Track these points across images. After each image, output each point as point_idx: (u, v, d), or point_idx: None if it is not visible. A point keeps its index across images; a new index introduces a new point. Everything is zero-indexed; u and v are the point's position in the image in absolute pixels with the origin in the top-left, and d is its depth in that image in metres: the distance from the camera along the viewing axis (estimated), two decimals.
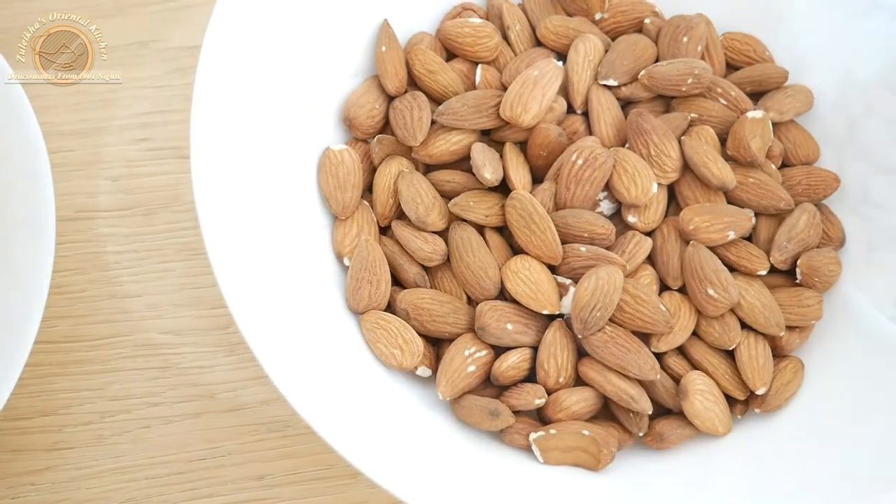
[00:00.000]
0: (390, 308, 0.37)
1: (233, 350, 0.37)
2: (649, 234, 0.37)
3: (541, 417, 0.36)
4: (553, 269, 0.36)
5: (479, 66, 0.39)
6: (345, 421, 0.31)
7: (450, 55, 0.40)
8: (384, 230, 0.38)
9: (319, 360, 0.33)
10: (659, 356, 0.36)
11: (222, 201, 0.33)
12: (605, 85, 0.39)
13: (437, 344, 0.37)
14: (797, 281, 0.38)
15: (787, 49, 0.41)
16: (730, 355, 0.37)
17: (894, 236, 0.38)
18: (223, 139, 0.33)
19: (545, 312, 0.35)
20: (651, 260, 0.37)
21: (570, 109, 0.39)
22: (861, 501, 0.32)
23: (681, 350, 0.37)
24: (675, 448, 0.36)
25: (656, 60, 0.40)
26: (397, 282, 0.37)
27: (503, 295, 0.36)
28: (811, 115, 0.41)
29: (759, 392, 0.36)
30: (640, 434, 0.36)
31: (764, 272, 0.37)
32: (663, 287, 0.37)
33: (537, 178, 0.38)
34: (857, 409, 0.35)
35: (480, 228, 0.37)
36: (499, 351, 0.36)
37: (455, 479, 0.33)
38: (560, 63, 0.38)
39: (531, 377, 0.36)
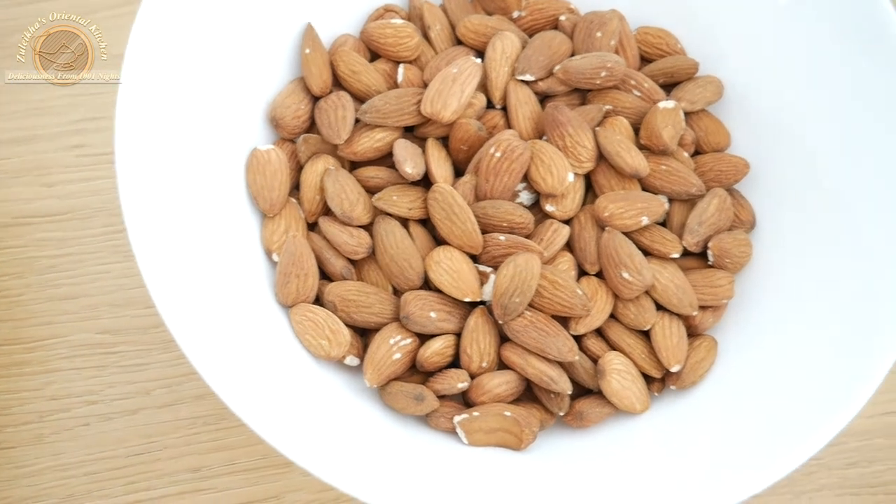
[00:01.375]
0: (318, 301, 0.38)
1: (167, 347, 0.38)
2: (567, 222, 0.39)
3: (465, 401, 0.37)
4: (475, 259, 0.38)
5: (401, 65, 0.41)
6: (275, 412, 0.32)
7: (373, 56, 0.42)
8: (312, 226, 0.39)
9: (249, 354, 0.34)
10: (578, 338, 0.37)
11: (149, 203, 0.33)
12: (522, 80, 0.40)
13: (364, 334, 0.38)
14: (710, 263, 0.39)
15: (699, 41, 0.43)
16: (646, 335, 0.38)
17: (803, 218, 0.40)
18: (149, 142, 0.34)
19: (467, 300, 0.37)
20: (569, 247, 0.39)
21: (490, 105, 0.40)
22: (771, 467, 0.33)
23: (599, 332, 0.38)
24: (596, 426, 0.38)
25: (572, 55, 0.41)
26: (325, 275, 0.38)
27: (427, 285, 0.38)
28: (723, 103, 0.42)
29: (674, 370, 0.37)
30: (561, 414, 0.37)
31: (677, 255, 0.38)
32: (582, 272, 0.39)
33: (460, 172, 0.39)
34: (767, 383, 0.37)
35: (404, 221, 0.38)
36: (424, 339, 0.37)
37: (383, 464, 0.34)
38: (478, 60, 0.40)
39: (456, 363, 0.37)
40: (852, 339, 0.35)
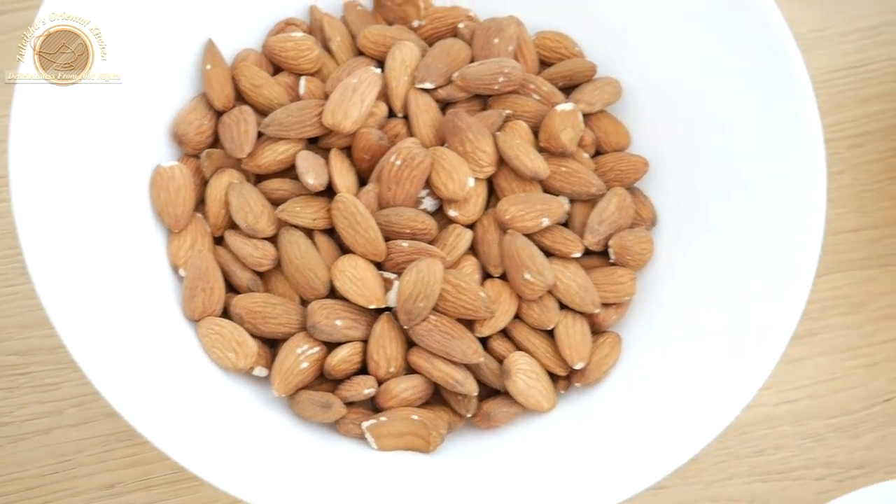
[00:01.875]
0: (226, 314, 0.38)
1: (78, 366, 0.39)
2: (470, 226, 0.40)
3: (374, 407, 0.38)
4: (379, 266, 0.38)
5: (303, 77, 0.41)
6: (182, 428, 0.33)
7: (276, 69, 0.42)
8: (218, 240, 0.40)
9: (156, 371, 0.35)
10: (483, 340, 0.38)
11: (46, 224, 0.34)
12: (422, 88, 0.41)
13: (273, 345, 0.39)
14: (611, 261, 0.40)
15: (598, 44, 0.44)
16: (550, 335, 0.39)
17: (702, 213, 0.41)
18: (46, 163, 0.35)
19: (372, 307, 0.37)
20: (473, 250, 0.40)
21: (392, 114, 0.41)
22: (677, 452, 0.34)
23: (504, 333, 0.39)
24: (504, 427, 0.38)
25: (471, 62, 0.42)
26: (232, 288, 0.39)
27: (333, 294, 0.38)
28: (623, 104, 0.43)
29: (578, 367, 0.38)
30: (469, 415, 0.38)
31: (578, 254, 0.39)
32: (486, 275, 0.39)
33: (364, 182, 0.40)
34: (669, 376, 0.38)
35: (309, 232, 0.39)
36: (331, 347, 0.38)
37: (293, 473, 0.34)
38: (378, 70, 0.40)
39: (364, 370, 0.38)
40: (748, 328, 0.36)
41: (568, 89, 0.43)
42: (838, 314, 0.45)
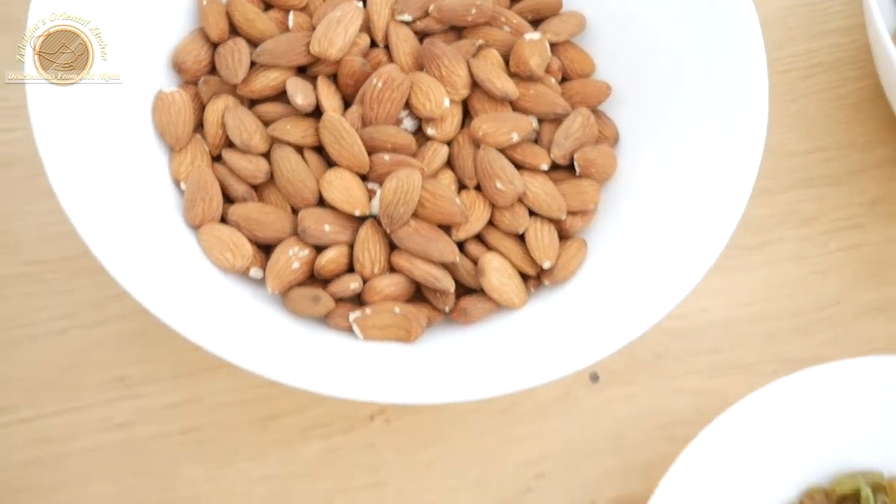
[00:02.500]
0: (223, 224, 0.42)
1: (92, 274, 0.42)
2: (447, 144, 0.43)
3: (361, 304, 0.41)
4: (364, 178, 0.42)
5: (291, 12, 0.45)
6: (196, 317, 0.36)
7: (267, 6, 0.46)
8: (216, 160, 0.43)
9: (167, 270, 0.38)
10: (460, 245, 0.42)
11: (65, 146, 0.37)
12: (401, 21, 0.45)
13: (268, 252, 0.42)
14: (577, 174, 0.44)
15: None
16: (521, 239, 0.43)
17: (657, 136, 0.44)
18: (62, 93, 0.38)
19: (357, 213, 0.41)
20: (450, 165, 0.43)
21: (374, 44, 0.45)
22: (627, 332, 0.38)
23: (479, 238, 0.42)
24: (480, 322, 0.42)
25: None
26: (230, 201, 0.42)
27: (322, 204, 0.42)
28: (588, 36, 0.47)
29: (546, 266, 0.42)
30: (447, 310, 0.42)
31: (546, 167, 0.43)
32: (462, 187, 0.43)
33: (350, 105, 0.44)
34: (629, 272, 0.41)
35: (299, 150, 0.42)
36: (321, 252, 0.41)
37: (292, 352, 0.38)
38: (360, 4, 0.44)
39: (351, 273, 0.41)
40: (697, 227, 0.40)
41: (536, 22, 0.47)
42: (792, 227, 0.48)
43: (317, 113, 0.43)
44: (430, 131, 0.43)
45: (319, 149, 0.43)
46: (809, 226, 0.48)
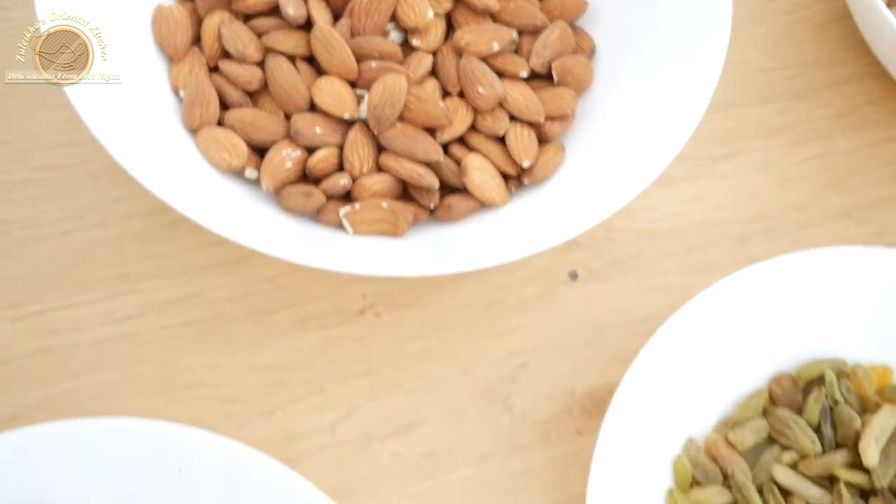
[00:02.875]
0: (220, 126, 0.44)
1: (95, 178, 0.45)
2: (432, 55, 0.46)
3: (350, 201, 0.44)
4: (353, 85, 0.44)
5: None
6: (204, 206, 0.39)
7: None
8: (214, 71, 0.45)
9: (173, 168, 0.41)
10: (445, 148, 0.44)
11: None
12: None
13: (262, 155, 0.44)
14: (555, 82, 0.46)
15: None
16: (503, 143, 0.45)
17: (630, 48, 0.47)
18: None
19: (346, 116, 0.43)
20: (434, 74, 0.46)
21: None
22: (600, 213, 0.41)
23: (462, 142, 0.45)
24: (463, 220, 0.44)
25: None
26: (226, 108, 0.45)
27: (313, 110, 0.44)
28: None
29: (526, 165, 0.44)
30: (432, 207, 0.44)
31: (525, 74, 0.45)
32: (446, 95, 0.45)
33: (339, 19, 0.46)
34: (602, 170, 0.44)
35: (292, 60, 0.45)
36: (312, 153, 0.43)
37: (285, 234, 0.40)
38: None
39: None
40: (665, 128, 0.43)
41: None
42: (759, 138, 0.51)
43: (308, 27, 0.45)
44: (415, 42, 0.45)
45: (310, 60, 0.45)
46: (776, 137, 0.51)
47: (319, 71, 0.45)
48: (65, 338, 0.42)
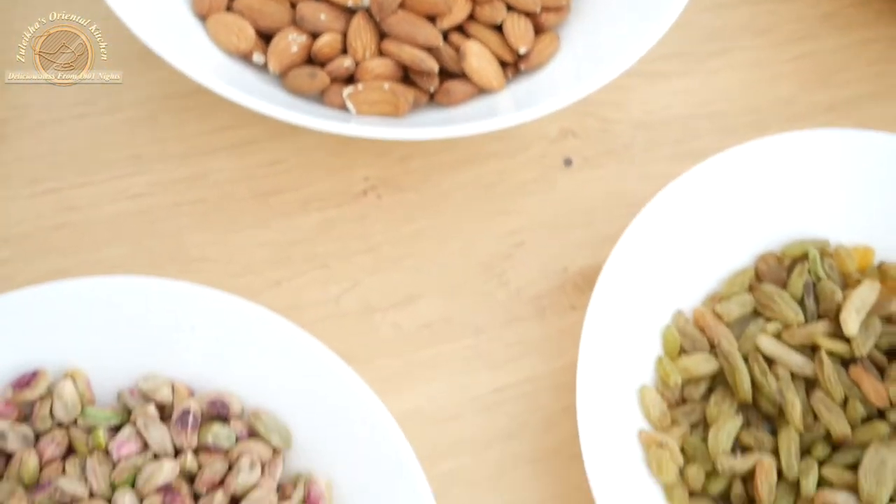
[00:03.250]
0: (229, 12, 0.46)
1: (107, 68, 0.46)
2: None
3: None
4: None
5: None
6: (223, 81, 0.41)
7: None
8: None
9: (183, 50, 0.42)
10: (444, 36, 0.46)
11: None
12: None
13: (268, 42, 0.46)
14: None
15: None
16: (500, 31, 0.47)
17: None
18: None
19: (350, 4, 0.45)
20: None
21: None
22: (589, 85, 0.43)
23: (461, 30, 0.47)
24: (462, 104, 0.46)
25: None
26: None
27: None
28: None
29: (522, 51, 0.46)
30: (432, 90, 0.46)
31: None
32: None
33: None
34: (598, 57, 0.45)
35: None
36: (316, 39, 0.45)
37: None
38: None
39: None
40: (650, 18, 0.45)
41: None
42: (747, 37, 0.53)
43: None
44: None
45: None
46: (765, 36, 0.53)
47: None
48: (81, 214, 0.44)
